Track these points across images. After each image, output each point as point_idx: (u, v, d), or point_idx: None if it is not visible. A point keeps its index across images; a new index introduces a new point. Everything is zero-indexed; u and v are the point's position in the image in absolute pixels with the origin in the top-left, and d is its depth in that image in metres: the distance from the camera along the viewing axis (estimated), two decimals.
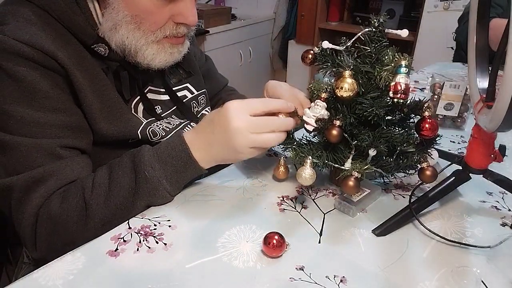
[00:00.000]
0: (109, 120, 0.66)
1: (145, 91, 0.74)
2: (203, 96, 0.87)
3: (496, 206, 0.66)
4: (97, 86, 0.65)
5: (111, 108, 0.66)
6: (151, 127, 0.71)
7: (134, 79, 0.71)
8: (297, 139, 0.65)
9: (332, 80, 0.58)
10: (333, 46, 0.59)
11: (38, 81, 0.59)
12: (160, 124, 0.73)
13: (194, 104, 0.84)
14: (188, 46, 0.73)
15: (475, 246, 0.56)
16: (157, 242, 0.55)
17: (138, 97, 0.72)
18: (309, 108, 0.61)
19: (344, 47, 0.59)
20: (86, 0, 0.63)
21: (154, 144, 0.64)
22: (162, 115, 0.76)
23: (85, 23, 0.63)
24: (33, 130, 0.59)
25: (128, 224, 0.58)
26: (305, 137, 0.66)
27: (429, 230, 0.58)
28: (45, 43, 0.59)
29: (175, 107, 0.79)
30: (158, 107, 0.76)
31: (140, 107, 0.72)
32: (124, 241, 0.55)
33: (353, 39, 0.59)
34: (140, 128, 0.69)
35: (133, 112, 0.71)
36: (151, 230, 0.57)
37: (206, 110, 0.87)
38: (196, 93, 0.85)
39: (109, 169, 0.61)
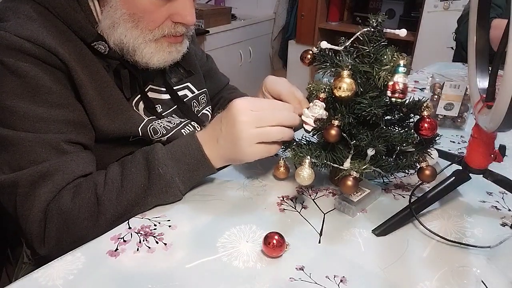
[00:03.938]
0: (109, 117, 0.66)
1: (146, 90, 0.74)
2: (204, 96, 0.87)
3: (496, 206, 0.66)
4: (98, 83, 0.65)
5: (112, 105, 0.66)
6: (152, 125, 0.71)
7: (134, 77, 0.71)
8: (296, 139, 0.65)
9: (332, 80, 0.58)
10: (332, 46, 0.59)
11: (40, 76, 0.59)
12: (161, 122, 0.73)
13: (194, 104, 0.84)
14: (187, 45, 0.73)
15: (475, 246, 0.56)
16: (157, 242, 0.55)
17: (139, 95, 0.72)
18: (307, 108, 0.61)
19: (343, 47, 0.59)
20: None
21: (154, 142, 0.64)
22: (162, 114, 0.76)
23: (85, 20, 0.63)
24: (37, 125, 0.59)
25: (128, 224, 0.58)
26: (304, 137, 0.66)
27: (429, 230, 0.58)
28: (46, 39, 0.59)
29: (175, 106, 0.80)
30: (159, 106, 0.76)
31: (141, 105, 0.72)
32: (124, 241, 0.55)
33: (352, 39, 0.59)
34: (141, 126, 0.69)
35: (134, 109, 0.71)
36: (151, 230, 0.57)
37: (206, 110, 0.87)
38: (196, 92, 0.85)
39: (122, 165, 0.62)
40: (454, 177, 0.61)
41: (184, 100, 0.82)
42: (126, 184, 0.59)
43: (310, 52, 0.61)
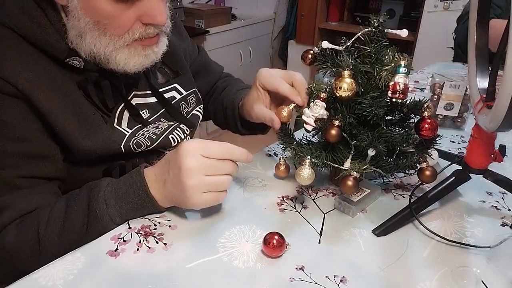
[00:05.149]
0: (90, 138, 0.63)
1: (130, 97, 0.71)
2: (193, 96, 0.84)
3: (496, 206, 0.66)
4: (71, 105, 0.62)
5: (91, 125, 0.64)
6: (135, 138, 0.68)
7: (116, 87, 0.68)
8: (297, 139, 0.65)
9: (332, 80, 0.58)
10: (333, 46, 0.59)
11: None
12: (147, 131, 0.71)
13: (183, 105, 0.81)
14: (166, 43, 0.68)
15: (475, 246, 0.56)
16: (157, 242, 0.55)
17: (123, 104, 0.69)
18: (308, 107, 0.61)
19: (344, 47, 0.59)
20: (55, 11, 0.60)
21: (139, 155, 0.61)
22: (149, 120, 0.73)
23: (55, 36, 0.60)
24: None
25: (128, 224, 0.58)
26: (304, 137, 0.66)
27: (429, 230, 0.58)
28: (4, 69, 0.56)
29: (163, 110, 0.76)
30: (146, 111, 0.73)
31: (126, 114, 0.69)
32: (124, 241, 0.55)
33: (353, 39, 0.59)
34: (123, 143, 0.67)
35: (115, 124, 0.68)
36: (151, 230, 0.57)
37: (196, 110, 0.84)
38: (184, 93, 0.82)
39: (67, 202, 0.59)
40: (454, 177, 0.61)
41: (172, 102, 0.78)
42: (67, 224, 0.57)
43: (311, 52, 0.61)
